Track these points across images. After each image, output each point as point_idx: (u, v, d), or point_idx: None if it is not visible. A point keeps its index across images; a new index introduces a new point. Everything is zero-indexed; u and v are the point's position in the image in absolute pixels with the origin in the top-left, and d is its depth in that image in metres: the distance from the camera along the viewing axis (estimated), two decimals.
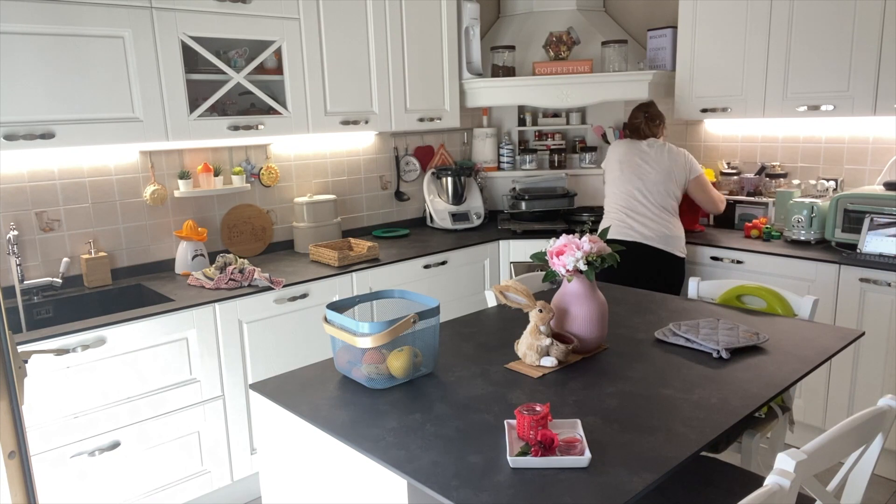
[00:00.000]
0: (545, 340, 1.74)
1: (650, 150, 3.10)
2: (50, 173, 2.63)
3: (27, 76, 2.27)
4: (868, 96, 2.89)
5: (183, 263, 2.89)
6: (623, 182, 3.10)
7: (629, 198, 3.08)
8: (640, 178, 3.06)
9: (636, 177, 3.07)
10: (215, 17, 2.66)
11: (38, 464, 2.19)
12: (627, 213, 3.08)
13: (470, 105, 3.78)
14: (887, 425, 1.37)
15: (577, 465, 1.26)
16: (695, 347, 1.85)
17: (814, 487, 1.24)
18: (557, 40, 3.75)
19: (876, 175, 3.20)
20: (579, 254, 1.75)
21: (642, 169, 3.07)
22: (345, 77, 3.12)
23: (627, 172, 3.09)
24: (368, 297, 1.91)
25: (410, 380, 1.70)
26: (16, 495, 1.04)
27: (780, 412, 2.14)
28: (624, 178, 3.09)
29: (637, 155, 3.10)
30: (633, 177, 3.08)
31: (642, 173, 3.07)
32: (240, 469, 2.69)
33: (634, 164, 3.08)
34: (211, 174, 2.98)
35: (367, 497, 1.39)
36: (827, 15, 2.95)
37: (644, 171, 3.07)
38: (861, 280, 2.76)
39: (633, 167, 3.08)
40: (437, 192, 3.82)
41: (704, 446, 1.34)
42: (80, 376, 2.24)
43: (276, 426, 1.65)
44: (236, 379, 2.63)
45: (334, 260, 2.94)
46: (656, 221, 3.04)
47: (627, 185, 3.08)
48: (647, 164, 3.07)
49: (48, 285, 2.60)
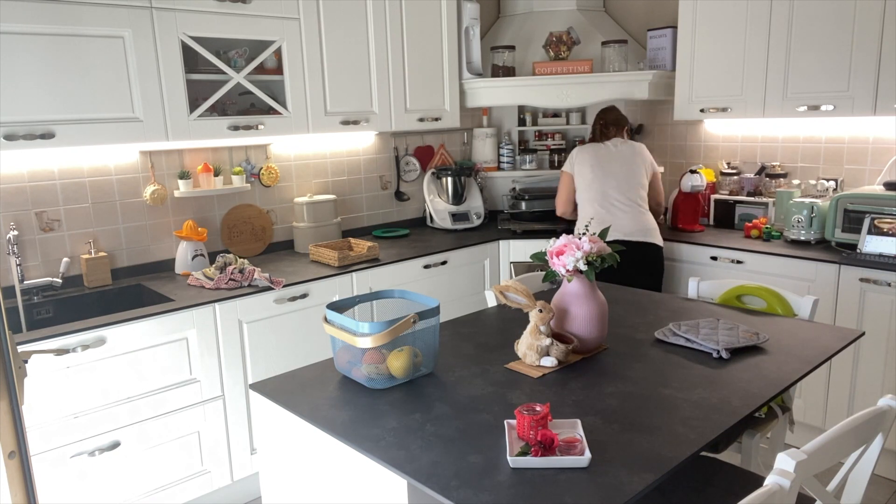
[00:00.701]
0: (545, 340, 1.74)
1: (615, 149, 3.19)
2: (50, 173, 2.63)
3: (27, 76, 2.27)
4: (868, 96, 2.89)
5: (183, 263, 2.89)
6: (596, 182, 3.14)
7: (604, 197, 3.12)
8: (612, 176, 3.13)
9: (608, 175, 3.13)
10: (215, 17, 2.66)
11: (38, 464, 2.19)
12: (605, 212, 3.11)
13: (470, 105, 3.78)
14: (887, 425, 1.37)
15: (577, 465, 1.26)
16: (695, 347, 1.85)
17: (814, 487, 1.24)
18: (557, 40, 3.75)
19: (876, 175, 3.20)
20: (579, 254, 1.75)
21: (612, 167, 3.14)
22: (345, 77, 3.12)
23: (598, 173, 3.14)
24: (368, 297, 1.91)
25: (410, 380, 1.70)
26: (16, 495, 1.04)
27: (780, 412, 2.14)
28: (596, 179, 3.14)
29: (605, 155, 3.17)
30: (604, 176, 3.13)
31: (613, 171, 3.13)
32: (240, 469, 2.69)
33: (604, 164, 3.15)
34: (211, 174, 2.98)
35: (367, 497, 1.39)
36: (827, 15, 2.95)
37: (613, 169, 3.14)
38: (861, 280, 2.76)
39: (604, 167, 3.14)
40: (437, 192, 3.82)
41: (704, 446, 1.34)
42: (80, 376, 2.24)
43: (276, 426, 1.65)
44: (236, 379, 2.63)
45: (334, 260, 2.94)
46: (633, 215, 3.10)
47: (601, 185, 3.13)
48: (616, 162, 3.15)
49: (48, 285, 2.60)
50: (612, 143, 3.21)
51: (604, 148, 3.20)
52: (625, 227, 3.08)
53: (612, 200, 3.12)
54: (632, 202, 3.12)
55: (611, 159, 3.16)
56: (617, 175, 3.13)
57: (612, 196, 3.12)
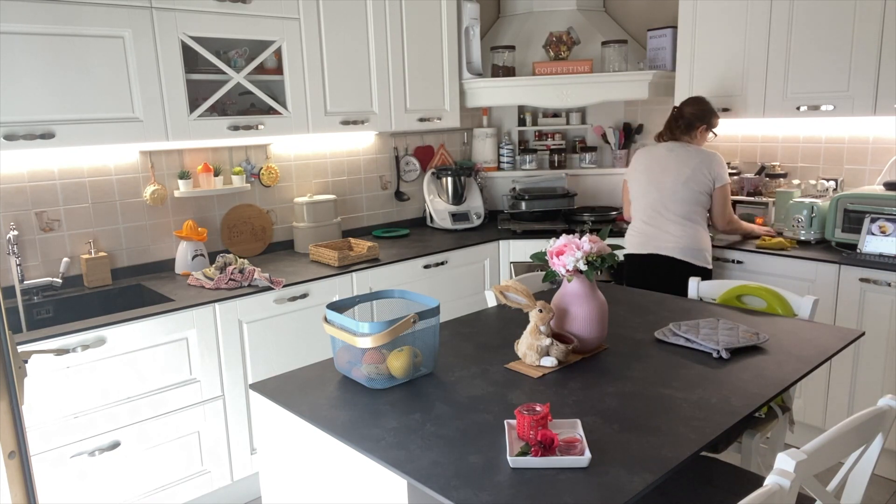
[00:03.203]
0: (545, 340, 1.74)
1: (669, 156, 2.91)
2: (50, 173, 2.63)
3: (27, 76, 2.27)
4: (868, 96, 2.89)
5: (183, 263, 2.89)
6: (644, 194, 2.95)
7: (650, 209, 2.93)
8: (658, 189, 2.89)
9: (654, 188, 2.91)
10: (215, 17, 2.66)
11: (38, 464, 2.19)
12: (648, 225, 2.94)
13: (470, 105, 3.78)
14: (887, 425, 1.37)
15: (577, 465, 1.26)
16: (695, 347, 1.85)
17: (814, 487, 1.24)
18: (557, 40, 3.75)
19: (876, 175, 3.20)
20: (579, 254, 1.75)
21: (660, 179, 2.90)
22: (345, 77, 3.12)
23: (645, 184, 2.94)
24: (368, 297, 1.91)
25: (410, 380, 1.70)
26: (16, 495, 1.04)
27: (780, 412, 2.14)
28: (643, 190, 2.95)
29: (656, 163, 2.93)
30: (650, 188, 2.92)
31: (660, 183, 2.89)
32: (240, 469, 2.69)
33: (653, 174, 2.92)
34: (211, 174, 2.98)
35: (367, 497, 1.39)
36: (827, 15, 2.95)
37: (662, 181, 2.89)
38: (861, 280, 2.76)
39: (652, 177, 2.92)
40: (437, 192, 3.82)
41: (704, 446, 1.34)
42: (80, 376, 2.24)
43: (276, 426, 1.65)
44: (236, 379, 2.63)
45: (334, 260, 2.94)
46: (677, 233, 2.86)
47: (648, 197, 2.93)
48: (665, 174, 2.89)
49: (48, 285, 2.60)
50: (668, 148, 2.93)
51: (655, 155, 2.95)
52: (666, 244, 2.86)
53: (656, 215, 2.90)
54: (680, 218, 2.86)
55: (661, 170, 2.90)
56: (662, 189, 2.88)
57: (658, 210, 2.90)
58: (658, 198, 2.91)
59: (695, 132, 2.96)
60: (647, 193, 2.95)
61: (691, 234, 2.87)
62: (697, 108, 2.95)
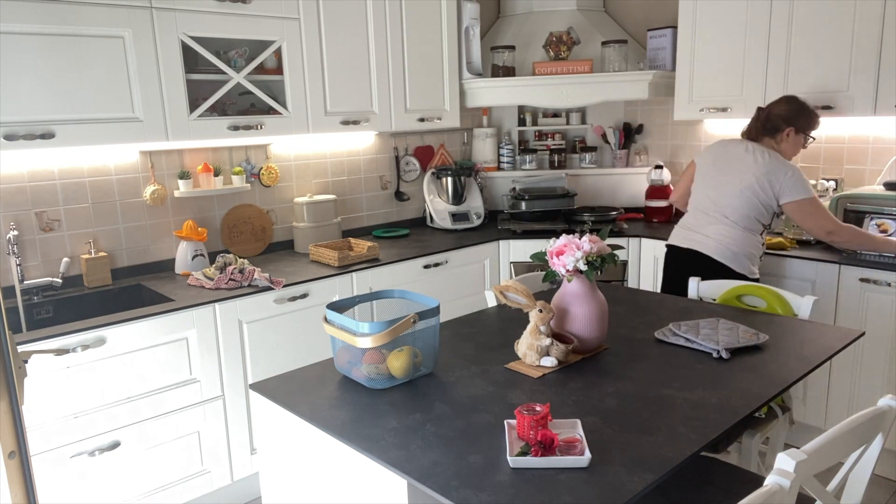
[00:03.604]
0: (545, 340, 1.74)
1: (741, 157, 2.66)
2: (50, 173, 2.63)
3: (27, 76, 2.27)
4: (868, 96, 2.89)
5: (183, 263, 2.89)
6: (702, 188, 2.78)
7: (701, 207, 2.77)
8: (716, 187, 2.70)
9: (713, 185, 2.72)
10: (215, 17, 2.66)
11: (38, 464, 2.19)
12: (695, 220, 2.78)
13: (470, 105, 3.78)
14: (887, 425, 1.37)
15: (577, 465, 1.26)
16: (695, 347, 1.85)
17: (814, 487, 1.24)
18: (557, 40, 3.75)
19: (876, 175, 3.20)
20: (579, 254, 1.75)
21: (722, 178, 2.69)
22: (345, 77, 3.12)
23: (705, 177, 2.77)
24: (368, 297, 1.91)
25: (410, 380, 1.70)
26: (16, 495, 1.04)
27: (780, 412, 2.14)
28: (703, 183, 2.78)
29: (725, 160, 2.72)
30: (708, 185, 2.74)
31: (720, 183, 2.69)
32: (240, 469, 2.69)
33: (716, 171, 2.73)
34: (211, 174, 2.98)
35: (367, 497, 1.39)
36: (827, 15, 2.95)
37: (722, 181, 2.69)
38: (861, 280, 2.76)
39: (714, 173, 2.73)
40: (437, 192, 3.82)
41: (704, 446, 1.34)
42: (80, 376, 2.24)
43: (276, 426, 1.65)
44: (236, 379, 2.62)
45: (334, 260, 2.94)
46: (718, 234, 2.66)
47: (704, 193, 2.76)
48: (727, 174, 2.67)
49: (48, 285, 2.60)
50: (745, 149, 2.66)
51: (728, 151, 2.72)
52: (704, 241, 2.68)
53: (701, 213, 2.75)
54: (728, 220, 2.65)
55: (728, 168, 2.68)
56: (720, 189, 2.68)
57: (707, 207, 2.73)
58: (713, 196, 2.71)
59: (780, 135, 2.67)
60: (705, 188, 2.76)
61: (735, 236, 2.64)
62: (787, 108, 2.66)
